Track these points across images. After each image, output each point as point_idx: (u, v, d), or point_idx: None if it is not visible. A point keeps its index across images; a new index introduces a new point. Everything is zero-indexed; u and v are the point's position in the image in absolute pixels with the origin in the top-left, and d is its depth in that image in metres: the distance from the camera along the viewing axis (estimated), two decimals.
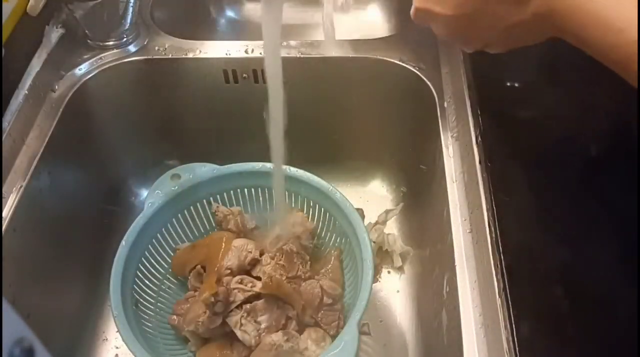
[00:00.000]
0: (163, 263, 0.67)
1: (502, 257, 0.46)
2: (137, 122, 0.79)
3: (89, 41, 0.74)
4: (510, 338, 0.42)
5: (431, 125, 0.66)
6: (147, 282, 0.64)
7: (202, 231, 0.71)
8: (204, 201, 0.69)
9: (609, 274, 0.45)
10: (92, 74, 0.71)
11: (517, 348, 0.41)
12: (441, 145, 0.61)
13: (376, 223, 0.78)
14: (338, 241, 0.67)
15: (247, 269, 0.62)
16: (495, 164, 0.53)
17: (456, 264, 0.50)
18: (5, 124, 0.61)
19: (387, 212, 0.79)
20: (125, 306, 0.56)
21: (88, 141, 0.74)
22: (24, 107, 0.64)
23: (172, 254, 0.68)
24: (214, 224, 0.70)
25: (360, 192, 0.85)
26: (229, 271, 0.60)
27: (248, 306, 0.58)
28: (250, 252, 0.62)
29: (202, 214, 0.70)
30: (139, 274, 0.63)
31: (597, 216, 0.48)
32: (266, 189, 0.70)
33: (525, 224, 0.48)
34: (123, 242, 0.61)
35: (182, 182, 0.65)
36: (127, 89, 0.75)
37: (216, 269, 0.60)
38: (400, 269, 0.76)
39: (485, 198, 0.51)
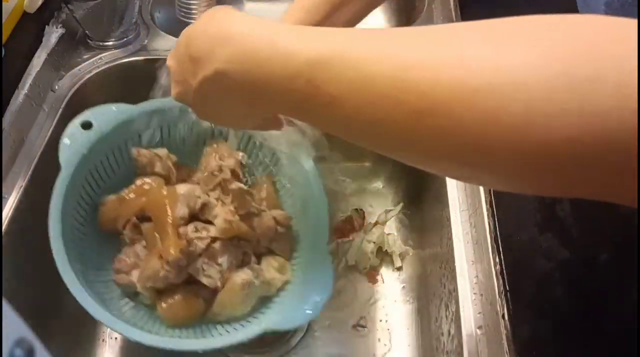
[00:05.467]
0: (89, 220, 0.60)
1: (502, 257, 0.46)
2: None
3: (89, 41, 0.74)
4: (510, 338, 0.42)
5: None
6: (82, 245, 0.57)
7: (124, 178, 0.62)
8: (122, 146, 0.62)
9: (609, 274, 0.45)
10: (92, 74, 0.71)
11: (517, 348, 0.41)
12: None
13: (376, 223, 0.78)
14: (266, 166, 0.64)
15: (195, 214, 0.58)
16: None
17: (456, 264, 0.50)
18: (5, 124, 0.61)
19: (387, 212, 0.79)
20: (77, 275, 0.52)
21: None
22: (24, 107, 0.64)
23: (94, 209, 0.60)
24: (136, 170, 0.63)
25: (361, 192, 0.85)
26: (182, 221, 0.56)
27: (207, 251, 0.55)
28: (199, 197, 0.58)
29: (121, 162, 0.62)
30: (74, 238, 0.56)
31: (597, 215, 0.48)
32: (189, 124, 0.64)
33: (525, 224, 0.48)
34: (52, 211, 0.55)
35: (95, 130, 0.58)
36: (127, 88, 0.75)
37: (170, 221, 0.55)
38: (400, 269, 0.76)
39: (485, 198, 0.51)
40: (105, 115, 0.59)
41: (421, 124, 0.25)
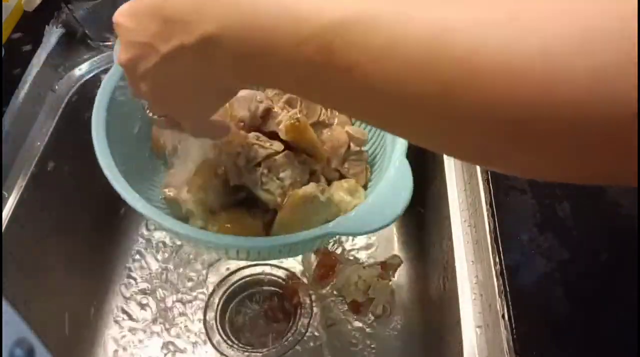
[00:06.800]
0: (140, 134, 0.54)
1: (502, 257, 0.46)
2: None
3: (89, 41, 0.74)
4: (510, 338, 0.42)
5: None
6: (128, 157, 0.50)
7: None
8: None
9: (609, 274, 0.45)
10: (92, 74, 0.71)
11: (517, 348, 0.41)
12: None
13: (380, 276, 0.74)
14: None
15: (257, 125, 0.51)
16: None
17: (456, 264, 0.50)
18: (5, 124, 0.61)
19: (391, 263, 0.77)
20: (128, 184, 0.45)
21: (88, 141, 0.74)
22: (24, 107, 0.64)
23: (146, 121, 0.52)
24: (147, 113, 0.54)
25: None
26: (242, 124, 0.49)
27: (269, 161, 0.48)
28: (261, 102, 0.50)
29: None
30: (120, 148, 0.49)
31: (597, 215, 0.48)
32: None
33: (525, 224, 0.48)
34: (96, 108, 0.48)
35: None
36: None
37: (229, 119, 0.49)
38: (379, 317, 0.72)
39: (485, 198, 0.51)
40: None
41: (454, 98, 0.21)
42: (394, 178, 0.45)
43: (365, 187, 0.52)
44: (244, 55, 0.26)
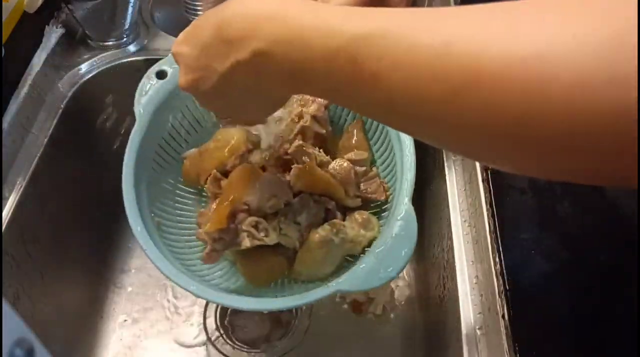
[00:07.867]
0: (171, 173, 0.59)
1: (502, 257, 0.46)
2: None
3: (89, 41, 0.74)
4: (510, 338, 0.42)
5: None
6: (163, 199, 0.57)
7: (204, 128, 0.61)
8: None
9: (609, 274, 0.45)
10: (92, 74, 0.71)
11: (517, 348, 0.41)
12: None
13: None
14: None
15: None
16: None
17: (456, 264, 0.50)
18: (5, 124, 0.61)
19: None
20: (150, 234, 0.50)
21: (88, 141, 0.74)
22: (24, 107, 0.64)
23: (176, 161, 0.60)
24: (215, 120, 0.61)
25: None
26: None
27: (285, 209, 0.52)
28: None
29: (206, 114, 0.61)
30: (152, 192, 0.55)
31: (597, 215, 0.48)
32: None
33: (525, 224, 0.48)
34: (125, 164, 0.54)
35: (170, 79, 0.57)
36: (127, 89, 0.75)
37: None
38: (379, 316, 0.73)
39: (485, 198, 0.51)
40: None
41: (462, 99, 0.23)
42: (398, 229, 0.47)
43: (386, 203, 0.55)
44: (288, 67, 0.29)
